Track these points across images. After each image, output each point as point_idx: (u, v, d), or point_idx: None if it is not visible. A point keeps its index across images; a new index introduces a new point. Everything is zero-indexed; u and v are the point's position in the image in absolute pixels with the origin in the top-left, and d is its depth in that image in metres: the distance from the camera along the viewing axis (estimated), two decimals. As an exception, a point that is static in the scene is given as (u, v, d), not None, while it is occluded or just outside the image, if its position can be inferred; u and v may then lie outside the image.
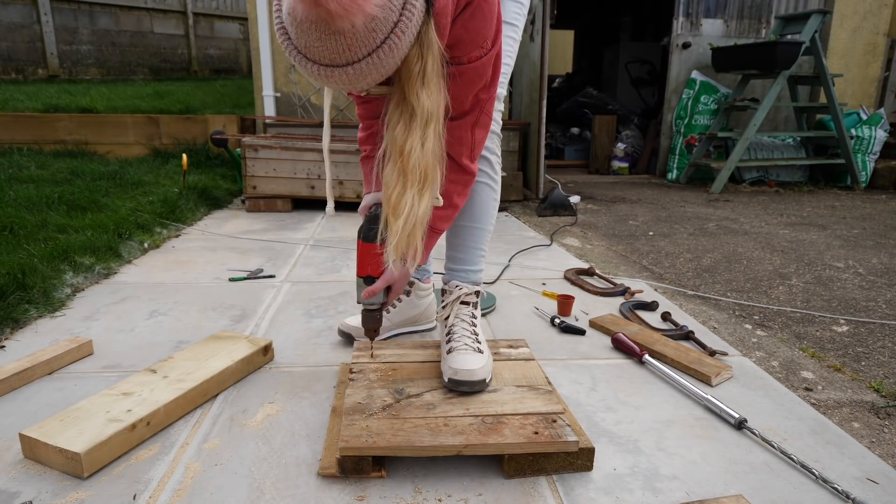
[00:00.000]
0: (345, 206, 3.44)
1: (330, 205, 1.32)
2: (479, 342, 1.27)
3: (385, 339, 1.58)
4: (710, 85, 5.03)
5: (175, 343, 1.58)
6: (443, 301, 1.38)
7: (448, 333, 1.31)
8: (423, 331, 1.67)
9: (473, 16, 1.01)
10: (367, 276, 1.17)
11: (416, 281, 1.61)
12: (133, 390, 1.20)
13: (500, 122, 1.39)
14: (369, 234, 1.15)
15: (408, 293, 1.61)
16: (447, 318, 1.35)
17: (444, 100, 1.01)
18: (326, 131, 1.22)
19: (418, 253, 1.06)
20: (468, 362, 1.18)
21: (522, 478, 1.04)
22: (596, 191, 4.63)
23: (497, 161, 1.40)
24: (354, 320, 1.56)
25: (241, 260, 2.39)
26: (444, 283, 1.42)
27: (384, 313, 1.58)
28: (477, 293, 1.39)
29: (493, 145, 1.38)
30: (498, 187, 1.42)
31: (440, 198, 1.12)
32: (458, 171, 1.18)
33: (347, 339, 1.57)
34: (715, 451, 1.13)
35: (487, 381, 1.19)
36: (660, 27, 7.42)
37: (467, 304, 1.36)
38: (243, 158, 3.36)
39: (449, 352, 1.24)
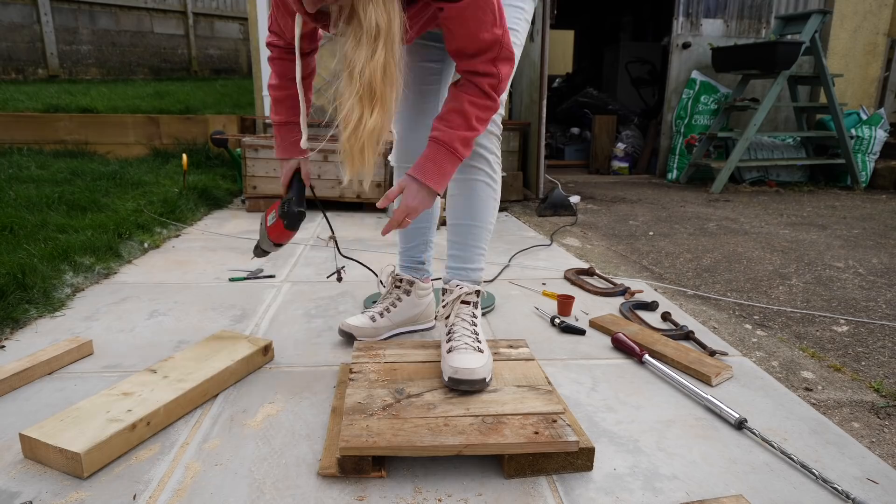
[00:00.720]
0: (345, 206, 3.44)
1: (304, 137, 1.33)
2: (479, 341, 1.27)
3: (385, 339, 1.59)
4: (710, 85, 5.03)
5: (175, 343, 1.58)
6: (443, 300, 1.38)
7: (448, 333, 1.31)
8: (422, 330, 1.67)
9: None
10: (279, 244, 1.40)
11: (417, 280, 1.61)
12: (133, 390, 1.20)
13: (500, 124, 1.39)
14: (293, 224, 1.36)
15: (408, 293, 1.61)
16: (447, 317, 1.35)
17: (400, 18, 1.02)
18: (298, 62, 1.25)
19: (368, 166, 1.09)
20: (468, 361, 1.18)
21: (522, 478, 1.04)
22: (596, 191, 4.63)
23: (496, 161, 1.39)
24: (355, 320, 1.56)
25: (242, 260, 2.39)
26: (445, 283, 1.42)
27: (385, 312, 1.58)
28: (477, 292, 1.39)
29: (492, 145, 1.37)
30: (498, 186, 1.41)
31: (393, 132, 1.14)
32: (480, 96, 1.17)
33: (348, 338, 1.56)
34: (715, 451, 1.13)
35: (487, 380, 1.19)
36: (660, 27, 7.41)
37: (468, 303, 1.36)
38: (243, 158, 3.36)
39: (449, 351, 1.24)
